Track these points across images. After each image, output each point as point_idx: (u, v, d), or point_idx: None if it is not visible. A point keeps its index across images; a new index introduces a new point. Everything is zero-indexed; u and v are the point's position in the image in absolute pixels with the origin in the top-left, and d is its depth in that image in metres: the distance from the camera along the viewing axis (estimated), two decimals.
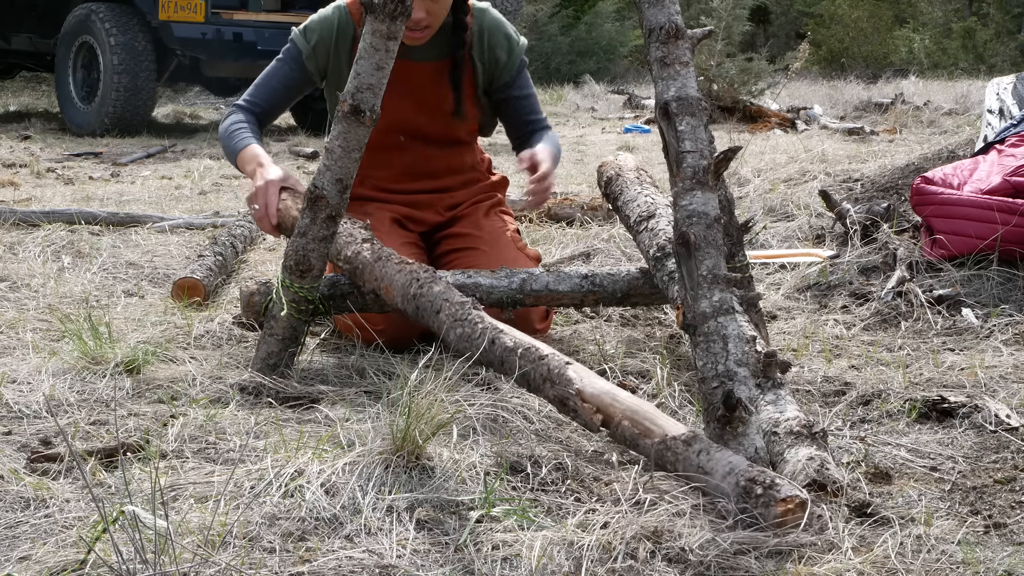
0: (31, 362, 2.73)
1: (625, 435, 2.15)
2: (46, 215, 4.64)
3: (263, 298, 2.83)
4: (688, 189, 2.25)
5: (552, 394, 2.25)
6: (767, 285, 3.74)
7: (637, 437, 2.13)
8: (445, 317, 2.52)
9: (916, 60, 19.91)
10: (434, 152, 3.26)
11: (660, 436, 2.09)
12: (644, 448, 2.11)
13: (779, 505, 1.86)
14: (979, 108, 7.84)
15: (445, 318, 2.52)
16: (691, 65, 2.33)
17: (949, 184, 3.78)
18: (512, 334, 2.42)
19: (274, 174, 2.97)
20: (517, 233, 3.32)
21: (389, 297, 2.69)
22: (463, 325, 2.48)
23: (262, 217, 2.94)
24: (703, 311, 2.18)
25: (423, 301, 2.59)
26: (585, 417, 2.19)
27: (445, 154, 3.28)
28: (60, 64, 9.30)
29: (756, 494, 1.89)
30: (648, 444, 2.10)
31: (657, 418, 2.14)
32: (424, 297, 2.59)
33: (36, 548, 1.77)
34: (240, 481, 2.02)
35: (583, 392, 2.20)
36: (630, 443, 2.15)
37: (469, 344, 2.44)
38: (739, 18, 11.65)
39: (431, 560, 1.77)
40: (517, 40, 3.25)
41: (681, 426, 2.12)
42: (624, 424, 2.15)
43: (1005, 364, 2.89)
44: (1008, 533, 1.93)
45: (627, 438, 2.15)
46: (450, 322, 2.50)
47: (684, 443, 2.05)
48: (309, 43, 3.17)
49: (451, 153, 3.29)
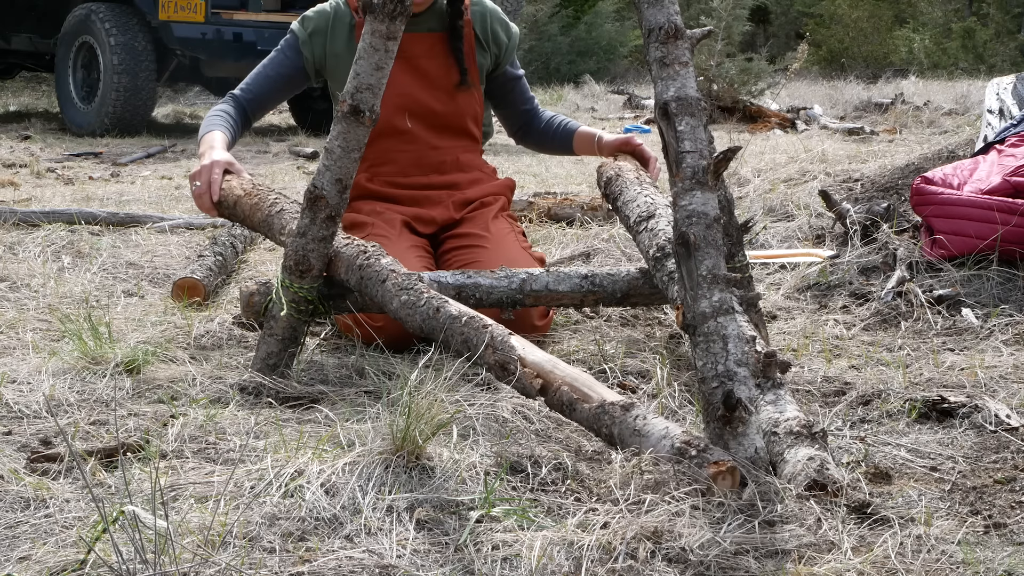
0: (31, 362, 2.73)
1: (563, 400, 2.22)
2: (46, 215, 4.64)
3: (263, 298, 2.83)
4: (688, 189, 2.25)
5: (494, 359, 2.32)
6: (767, 285, 3.74)
7: (575, 402, 2.20)
8: (391, 286, 2.55)
9: (916, 60, 19.90)
10: (441, 144, 3.29)
11: (598, 401, 2.16)
12: (581, 412, 2.19)
13: (711, 467, 1.96)
14: (979, 108, 7.84)
15: (391, 287, 2.55)
16: (690, 65, 2.33)
17: (949, 184, 3.78)
18: (457, 305, 2.47)
19: (220, 156, 3.04)
20: (523, 236, 3.34)
21: (334, 270, 2.69)
22: (408, 293, 2.52)
23: (203, 193, 2.99)
24: (703, 311, 2.18)
25: (369, 272, 2.61)
26: (524, 381, 2.27)
27: (452, 147, 3.31)
28: (60, 64, 9.30)
29: (690, 455, 1.99)
30: (586, 408, 2.18)
31: (596, 386, 2.23)
32: (371, 268, 2.61)
33: (36, 548, 1.77)
34: (240, 481, 2.02)
35: (524, 359, 2.29)
36: (567, 408, 2.22)
37: (413, 312, 2.48)
38: (739, 18, 11.66)
39: (431, 560, 1.77)
40: (510, 23, 3.39)
41: (620, 396, 2.20)
42: (563, 389, 2.23)
43: (1005, 364, 2.89)
44: (1008, 533, 1.93)
45: (565, 403, 2.22)
46: (395, 290, 2.54)
47: (622, 408, 2.14)
48: (306, 30, 3.25)
49: (458, 147, 3.32)
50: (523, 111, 3.47)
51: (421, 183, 3.29)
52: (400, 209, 3.25)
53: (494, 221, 3.28)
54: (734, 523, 1.88)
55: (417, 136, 3.27)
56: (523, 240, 3.31)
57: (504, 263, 3.00)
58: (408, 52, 3.18)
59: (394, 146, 3.26)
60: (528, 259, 3.17)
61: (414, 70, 3.24)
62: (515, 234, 3.28)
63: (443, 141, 3.30)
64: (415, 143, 3.27)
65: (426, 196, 3.29)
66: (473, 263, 3.08)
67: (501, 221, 3.30)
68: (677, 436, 2.03)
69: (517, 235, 3.29)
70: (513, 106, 3.47)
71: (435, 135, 3.29)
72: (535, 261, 3.21)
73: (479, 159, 3.42)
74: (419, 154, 3.28)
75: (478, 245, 3.18)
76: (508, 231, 3.27)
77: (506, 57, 3.36)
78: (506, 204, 3.40)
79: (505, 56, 3.36)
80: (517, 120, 3.49)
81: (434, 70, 3.26)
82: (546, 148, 3.59)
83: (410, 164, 3.28)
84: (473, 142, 3.38)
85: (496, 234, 3.22)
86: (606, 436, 2.16)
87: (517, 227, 3.36)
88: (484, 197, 3.33)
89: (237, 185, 3.00)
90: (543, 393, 2.27)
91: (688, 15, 14.65)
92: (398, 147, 3.26)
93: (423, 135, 3.27)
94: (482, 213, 3.29)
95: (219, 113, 3.21)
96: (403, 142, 3.26)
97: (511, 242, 3.22)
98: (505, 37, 3.34)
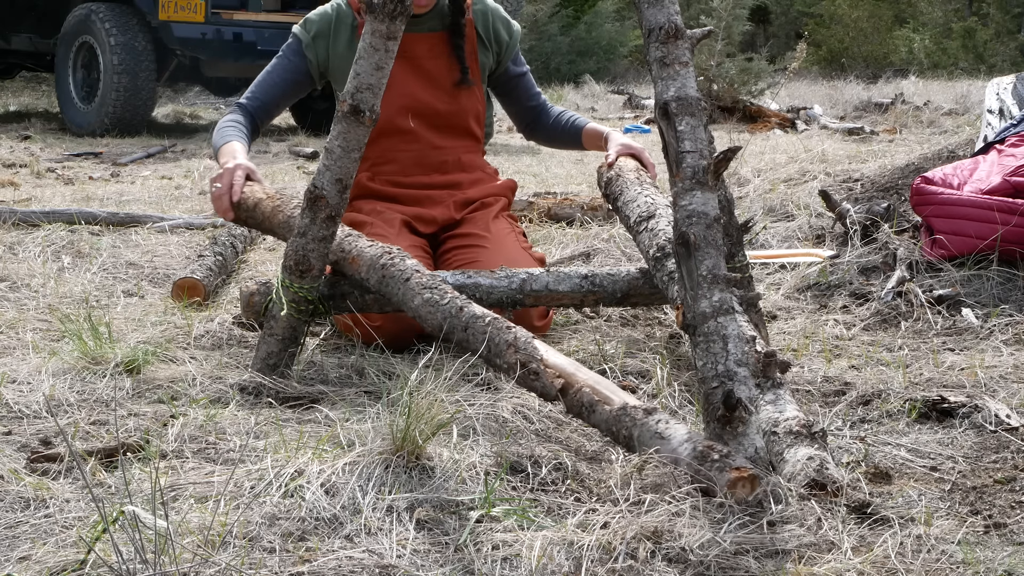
0: (31, 362, 2.73)
1: (583, 401, 2.21)
2: (46, 215, 4.64)
3: (263, 299, 2.83)
4: (688, 189, 2.25)
5: (516, 359, 2.31)
6: (767, 285, 3.74)
7: (596, 403, 2.19)
8: (414, 284, 2.56)
9: (916, 60, 19.90)
10: (444, 143, 3.30)
11: (620, 404, 2.16)
12: (601, 414, 2.18)
13: (732, 472, 1.94)
14: (979, 108, 7.84)
15: (414, 284, 2.56)
16: (690, 65, 2.33)
17: (949, 184, 3.78)
18: (479, 306, 2.48)
19: (243, 162, 3.04)
20: (523, 236, 3.35)
21: (355, 267, 2.69)
22: (431, 291, 2.53)
23: (222, 194, 2.98)
24: (703, 311, 2.18)
25: (393, 271, 2.61)
26: (545, 380, 2.26)
27: (454, 147, 3.32)
28: (60, 64, 9.29)
29: (712, 459, 1.97)
30: (607, 410, 2.17)
31: (618, 391, 2.22)
32: (395, 267, 2.62)
33: (36, 548, 1.77)
34: (240, 481, 2.02)
35: (546, 360, 2.29)
36: (587, 410, 2.21)
37: (435, 309, 2.49)
38: (739, 18, 11.66)
39: (431, 560, 1.77)
40: (511, 20, 3.39)
41: (641, 401, 2.18)
42: (584, 391, 2.22)
43: (1005, 364, 2.89)
44: (1008, 533, 1.93)
45: (585, 404, 2.21)
46: (418, 288, 2.54)
47: (645, 412, 2.13)
48: (309, 33, 3.25)
49: (460, 147, 3.33)
50: (529, 107, 3.48)
51: (423, 182, 3.30)
52: (401, 208, 3.25)
53: (494, 221, 3.28)
54: (734, 523, 1.88)
55: (420, 136, 3.27)
56: (523, 240, 3.32)
57: (504, 263, 3.00)
58: (410, 52, 3.19)
59: (396, 145, 3.27)
60: (528, 259, 3.17)
61: (417, 70, 3.25)
62: (515, 234, 3.29)
63: (446, 141, 3.31)
64: (417, 142, 3.28)
65: (427, 196, 3.29)
66: (473, 263, 3.08)
67: (501, 221, 3.31)
68: (699, 440, 2.02)
69: (517, 235, 3.30)
70: (519, 103, 3.48)
71: (438, 135, 3.29)
72: (535, 261, 3.21)
73: (481, 159, 3.43)
74: (421, 154, 3.29)
75: (478, 245, 3.18)
76: (508, 231, 3.27)
77: (508, 54, 3.37)
78: (507, 205, 3.41)
79: (507, 53, 3.37)
80: (524, 116, 3.51)
81: (436, 70, 3.27)
82: (555, 144, 3.61)
83: (412, 163, 3.29)
84: (475, 142, 3.38)
85: (496, 234, 3.22)
86: (624, 439, 2.13)
87: (517, 227, 3.36)
88: (485, 197, 3.33)
89: (259, 189, 3.02)
90: (563, 393, 2.25)
91: (688, 15, 14.65)
92: (400, 146, 3.27)
93: (426, 135, 3.28)
94: (483, 213, 3.30)
95: (231, 124, 3.21)
96: (405, 142, 3.27)
97: (511, 242, 3.22)
98: (507, 35, 3.35)
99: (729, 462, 1.96)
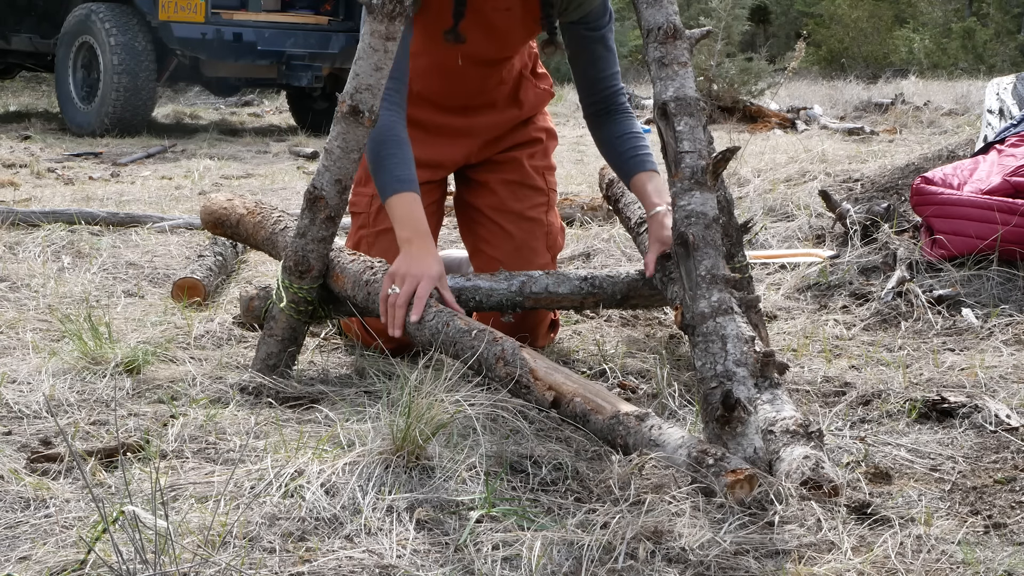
0: (31, 362, 2.73)
1: (576, 412, 2.23)
2: (46, 215, 4.64)
3: (263, 303, 2.83)
4: (687, 189, 2.25)
5: (505, 372, 2.33)
6: (767, 285, 3.74)
7: (588, 413, 2.21)
8: None
9: (916, 60, 19.91)
10: (486, 71, 3.05)
11: (612, 412, 2.17)
12: (595, 423, 2.20)
13: (728, 475, 1.94)
14: (979, 108, 7.84)
15: None
16: (689, 65, 2.33)
17: (949, 184, 3.78)
18: (465, 318, 2.49)
19: (435, 270, 2.56)
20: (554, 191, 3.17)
21: (339, 285, 2.69)
22: None
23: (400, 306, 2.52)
24: (702, 311, 2.18)
25: (377, 287, 2.60)
26: (537, 394, 2.28)
27: (496, 70, 3.07)
28: (60, 64, 9.30)
29: (708, 464, 1.98)
30: (600, 420, 2.19)
31: (609, 397, 2.24)
32: (378, 283, 2.61)
33: (36, 548, 1.78)
34: (240, 481, 2.02)
35: (535, 371, 2.31)
36: (581, 420, 2.23)
37: (422, 326, 2.49)
38: (739, 18, 11.66)
39: (431, 560, 1.78)
40: None
41: (633, 406, 2.19)
42: (576, 401, 2.24)
43: (1005, 364, 2.89)
44: (1008, 533, 1.93)
45: (578, 415, 2.23)
46: None
47: (637, 419, 2.14)
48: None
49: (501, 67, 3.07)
50: (593, 80, 2.94)
51: (461, 103, 3.05)
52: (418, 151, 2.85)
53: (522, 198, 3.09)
54: (734, 523, 1.88)
55: (466, 69, 2.99)
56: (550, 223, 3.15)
57: (521, 256, 2.98)
58: (478, 3, 2.86)
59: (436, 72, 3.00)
60: (544, 254, 3.10)
61: (480, 24, 2.90)
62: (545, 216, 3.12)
63: (490, 69, 3.04)
64: (460, 73, 2.99)
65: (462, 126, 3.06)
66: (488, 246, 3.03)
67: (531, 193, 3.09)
68: (694, 445, 2.03)
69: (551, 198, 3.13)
70: (581, 68, 2.95)
71: (484, 67, 3.02)
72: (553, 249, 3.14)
73: (521, 58, 3.10)
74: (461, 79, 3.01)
75: (503, 227, 3.06)
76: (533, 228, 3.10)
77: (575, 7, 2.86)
78: (545, 150, 3.16)
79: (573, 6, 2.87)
80: (588, 93, 2.97)
81: (504, 24, 2.93)
82: (604, 157, 3.05)
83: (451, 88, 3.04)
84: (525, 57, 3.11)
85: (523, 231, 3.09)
86: (621, 447, 2.15)
87: (551, 178, 3.15)
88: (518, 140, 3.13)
89: (240, 204, 2.95)
90: (555, 405, 2.28)
91: (687, 15, 14.66)
92: (441, 74, 3.01)
93: (472, 68, 3.00)
94: (516, 163, 3.09)
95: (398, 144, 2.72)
96: (448, 74, 3.00)
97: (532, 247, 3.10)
98: None
99: (724, 465, 1.97)
